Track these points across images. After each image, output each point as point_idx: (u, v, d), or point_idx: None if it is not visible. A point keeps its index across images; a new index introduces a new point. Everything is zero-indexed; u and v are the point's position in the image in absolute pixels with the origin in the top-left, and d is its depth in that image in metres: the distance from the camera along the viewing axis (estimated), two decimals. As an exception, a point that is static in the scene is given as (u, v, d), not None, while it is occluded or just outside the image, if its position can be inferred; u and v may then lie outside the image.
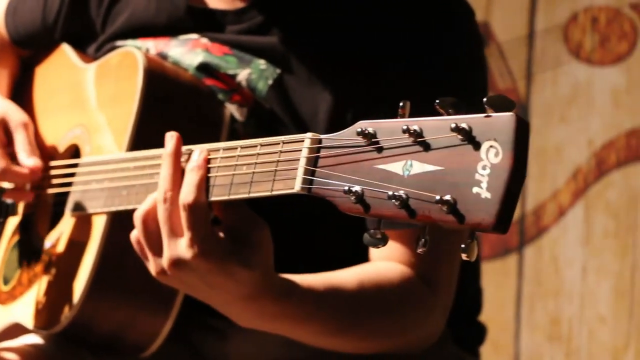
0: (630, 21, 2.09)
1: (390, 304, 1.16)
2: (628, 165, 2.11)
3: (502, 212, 0.75)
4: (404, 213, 0.80)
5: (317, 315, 1.11)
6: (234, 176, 0.99)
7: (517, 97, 2.23)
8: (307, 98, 1.20)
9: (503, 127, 0.76)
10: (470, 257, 0.79)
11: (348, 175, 0.85)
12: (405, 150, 0.81)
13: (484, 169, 0.76)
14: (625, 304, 2.13)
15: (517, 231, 2.25)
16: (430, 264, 1.17)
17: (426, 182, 0.80)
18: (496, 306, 2.28)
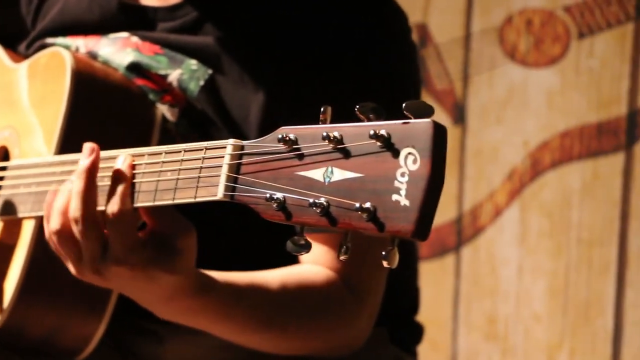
0: (564, 23, 2.11)
1: (311, 306, 1.17)
2: (562, 165, 2.14)
3: (421, 219, 0.75)
4: (325, 221, 0.80)
5: (237, 310, 1.11)
6: (158, 182, 0.98)
7: (454, 99, 2.24)
8: (238, 99, 1.19)
9: (421, 133, 0.76)
10: (391, 264, 0.79)
11: (270, 182, 0.85)
12: (326, 157, 0.81)
13: (403, 176, 0.76)
14: (559, 302, 2.15)
15: (455, 231, 2.27)
16: (355, 270, 1.18)
17: (347, 189, 0.80)
18: (434, 306, 2.29)
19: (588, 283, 2.12)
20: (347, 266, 1.17)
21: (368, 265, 1.18)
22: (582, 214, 2.12)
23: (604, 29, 2.07)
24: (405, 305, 1.40)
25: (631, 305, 2.07)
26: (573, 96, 2.11)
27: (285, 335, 1.17)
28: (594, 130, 2.09)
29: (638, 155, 2.06)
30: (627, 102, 2.06)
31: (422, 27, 2.27)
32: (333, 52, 1.19)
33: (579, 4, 2.09)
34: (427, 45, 2.26)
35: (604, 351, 2.11)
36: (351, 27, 1.21)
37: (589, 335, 2.12)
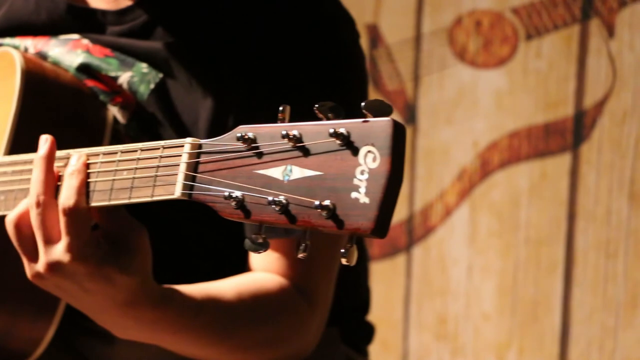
0: (512, 25, 2.13)
1: (267, 315, 1.17)
2: (511, 165, 2.16)
3: (380, 217, 0.76)
4: (284, 218, 0.80)
5: (194, 324, 1.11)
6: (114, 181, 0.98)
7: (405, 99, 2.26)
8: (188, 104, 1.19)
9: (380, 132, 0.77)
10: (350, 262, 0.80)
11: (228, 180, 0.85)
12: (285, 155, 0.82)
13: (362, 174, 0.77)
14: (508, 301, 2.17)
15: (406, 231, 2.28)
16: (307, 275, 1.18)
17: (306, 187, 0.80)
18: (385, 306, 2.30)
19: (536, 282, 2.14)
20: (298, 272, 1.18)
21: (319, 270, 1.19)
22: (530, 214, 2.14)
23: (550, 31, 2.10)
24: (357, 305, 1.40)
25: (578, 304, 2.10)
26: (521, 97, 2.13)
27: (241, 347, 1.17)
28: (542, 130, 2.12)
29: (584, 156, 2.09)
30: (573, 103, 2.09)
31: (373, 28, 2.28)
32: (281, 57, 1.19)
33: (526, 6, 2.11)
34: (378, 46, 2.27)
35: (552, 349, 2.14)
36: (299, 32, 1.21)
37: (537, 333, 2.15)
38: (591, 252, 2.08)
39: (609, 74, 2.04)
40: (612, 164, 2.05)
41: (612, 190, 2.06)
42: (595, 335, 2.09)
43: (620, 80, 2.03)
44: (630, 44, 2.02)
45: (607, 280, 2.07)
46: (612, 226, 2.06)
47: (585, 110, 2.08)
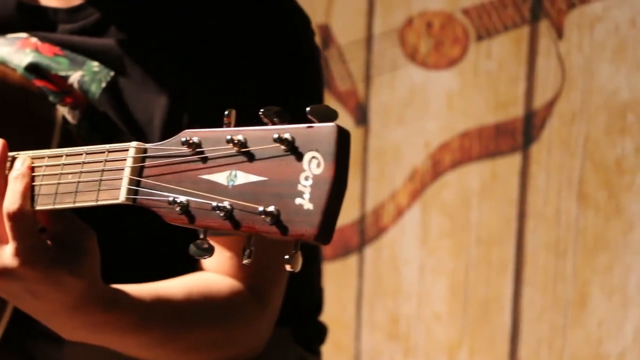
0: (463, 26, 2.14)
1: (217, 316, 1.16)
2: (462, 166, 2.17)
3: (324, 223, 0.76)
4: (228, 224, 0.80)
5: (144, 325, 1.10)
6: (59, 185, 0.97)
7: (356, 100, 2.26)
8: (141, 102, 1.18)
9: (325, 137, 0.77)
10: (295, 268, 0.79)
11: (173, 185, 0.85)
12: (230, 160, 0.81)
13: (307, 179, 0.77)
14: (460, 301, 2.18)
15: (357, 232, 2.28)
16: (258, 276, 1.18)
17: (250, 192, 0.80)
18: (337, 306, 2.30)
19: (487, 282, 2.16)
20: (249, 272, 1.17)
21: (270, 271, 1.18)
22: (481, 214, 2.15)
23: (500, 32, 2.11)
24: (309, 306, 1.40)
25: (528, 303, 2.12)
26: (472, 97, 2.15)
27: (191, 347, 1.16)
28: (492, 131, 2.13)
29: (534, 156, 2.10)
30: (523, 103, 2.10)
31: (324, 28, 2.28)
32: (236, 56, 1.19)
33: (476, 7, 2.12)
34: (329, 47, 2.28)
35: (502, 348, 2.15)
36: (254, 31, 1.21)
37: (488, 333, 2.16)
38: (541, 252, 2.10)
39: (558, 74, 2.06)
40: (562, 164, 2.07)
41: (562, 190, 2.08)
42: (545, 334, 2.11)
43: (569, 81, 2.05)
44: (578, 45, 2.04)
45: (557, 279, 2.09)
46: (561, 226, 2.08)
47: (535, 111, 2.09)
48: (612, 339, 2.05)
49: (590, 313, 2.06)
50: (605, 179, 2.03)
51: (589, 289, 2.06)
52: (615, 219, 2.03)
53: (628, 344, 2.04)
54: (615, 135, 2.02)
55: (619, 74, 2.00)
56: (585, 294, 2.07)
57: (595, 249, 2.05)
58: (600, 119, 2.03)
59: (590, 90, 2.04)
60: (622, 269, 2.03)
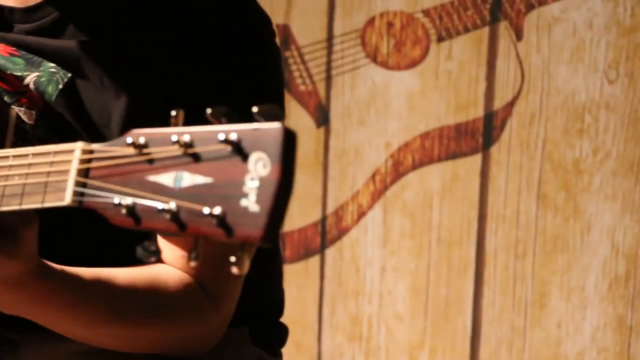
0: (423, 27, 2.15)
1: (161, 306, 1.15)
2: (423, 166, 2.17)
3: (269, 225, 0.75)
4: (174, 226, 0.79)
5: (82, 301, 1.09)
6: (5, 187, 0.95)
7: (317, 100, 2.25)
8: (99, 104, 1.17)
9: (271, 138, 0.76)
10: (241, 271, 0.78)
11: (119, 187, 0.83)
12: (176, 161, 0.80)
13: (253, 181, 0.76)
14: (421, 302, 2.18)
15: (319, 232, 2.28)
16: (212, 274, 1.17)
17: (196, 194, 0.79)
18: (299, 307, 2.30)
19: (448, 283, 2.16)
20: (203, 270, 1.16)
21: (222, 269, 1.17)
22: (442, 215, 2.16)
23: (461, 33, 2.12)
24: (269, 307, 1.40)
25: (489, 304, 2.13)
26: (433, 98, 2.15)
27: (133, 332, 1.15)
28: (453, 132, 2.14)
29: (494, 157, 2.11)
30: (483, 104, 2.11)
31: (285, 28, 2.27)
32: (194, 56, 1.18)
33: (437, 8, 2.13)
34: (290, 47, 2.27)
35: (463, 349, 2.16)
36: (214, 31, 1.20)
37: (449, 333, 2.16)
38: (501, 253, 2.11)
39: (518, 76, 2.07)
40: (521, 165, 2.08)
41: (521, 192, 2.08)
42: (505, 335, 2.11)
43: (529, 82, 2.06)
44: (537, 46, 2.05)
45: (516, 280, 2.10)
46: (521, 227, 2.09)
47: (495, 112, 2.10)
48: (571, 339, 2.06)
49: (549, 313, 2.07)
50: (563, 180, 2.04)
51: (548, 289, 2.07)
52: (573, 219, 2.04)
53: (586, 344, 2.05)
54: (573, 137, 2.03)
55: (576, 75, 2.02)
56: (545, 294, 2.07)
57: (554, 249, 2.06)
58: (558, 120, 2.04)
59: (549, 92, 2.04)
60: (580, 270, 2.04)
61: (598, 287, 2.02)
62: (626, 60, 1.97)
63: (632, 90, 1.97)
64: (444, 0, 2.12)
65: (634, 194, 1.99)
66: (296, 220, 2.29)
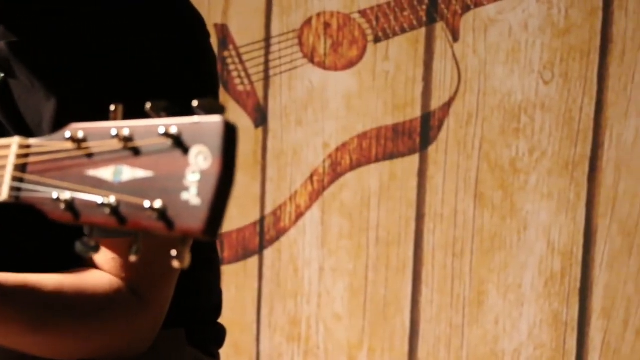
0: (360, 27, 2.15)
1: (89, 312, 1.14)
2: (361, 167, 2.18)
3: (211, 218, 0.74)
4: (114, 220, 0.78)
5: (6, 308, 1.07)
6: (-61, 184, 0.93)
7: (255, 100, 2.25)
8: (31, 105, 1.15)
9: (211, 131, 0.75)
10: (183, 265, 0.78)
11: (58, 181, 0.82)
12: (116, 155, 0.79)
13: (193, 174, 0.75)
14: (360, 302, 2.19)
15: (257, 233, 2.27)
16: (141, 275, 1.16)
17: (137, 188, 0.78)
18: (237, 308, 2.29)
19: (386, 282, 2.17)
20: (133, 273, 1.15)
21: (154, 270, 1.16)
22: (380, 215, 2.17)
23: (398, 34, 2.13)
24: (207, 308, 1.39)
25: (427, 303, 2.14)
26: (370, 99, 2.16)
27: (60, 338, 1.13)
28: (390, 132, 2.15)
29: (432, 157, 2.12)
30: (421, 105, 2.12)
31: (223, 28, 2.26)
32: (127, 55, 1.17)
33: (374, 9, 2.14)
34: (228, 47, 2.26)
35: (402, 348, 2.17)
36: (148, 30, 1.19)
37: (388, 333, 2.17)
38: (439, 252, 2.12)
39: (454, 76, 2.08)
40: (459, 165, 2.09)
41: (459, 191, 2.10)
42: (443, 333, 2.13)
43: (465, 83, 2.08)
44: (473, 47, 2.07)
45: (454, 278, 2.12)
46: (458, 226, 2.11)
47: (432, 112, 2.11)
48: (508, 336, 2.08)
49: (487, 311, 2.09)
50: (500, 179, 2.06)
51: (485, 287, 2.09)
52: (510, 218, 2.06)
53: (523, 341, 2.07)
54: (509, 136, 2.05)
55: (512, 76, 2.04)
56: (482, 292, 2.09)
57: (491, 248, 2.08)
58: (495, 120, 2.06)
59: (486, 92, 2.07)
60: (517, 267, 2.06)
61: (534, 285, 2.05)
62: (561, 61, 2.00)
63: (566, 90, 2.00)
64: (381, 1, 2.13)
65: (569, 192, 2.02)
66: (234, 221, 2.28)
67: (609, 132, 1.98)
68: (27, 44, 1.17)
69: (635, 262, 1.99)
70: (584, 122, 2.00)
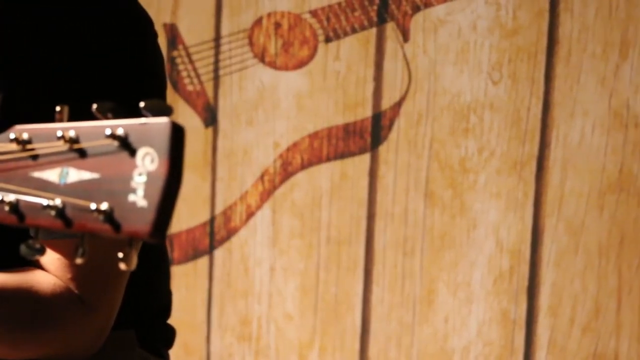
0: (311, 27, 2.16)
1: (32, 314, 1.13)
2: (312, 166, 2.18)
3: (158, 220, 0.74)
4: (60, 222, 0.77)
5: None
6: None
7: (205, 100, 2.24)
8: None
9: (158, 133, 0.75)
10: (129, 267, 0.77)
11: (2, 183, 0.81)
12: (62, 157, 0.78)
13: (140, 176, 0.75)
14: (311, 301, 2.19)
15: (208, 233, 2.26)
16: (87, 278, 1.15)
17: (83, 190, 0.77)
18: (187, 309, 2.28)
19: (337, 281, 2.17)
20: (79, 276, 1.14)
21: (101, 273, 1.15)
22: (331, 214, 2.17)
23: (349, 34, 2.13)
24: (156, 309, 1.38)
25: (377, 302, 2.15)
26: (321, 98, 2.16)
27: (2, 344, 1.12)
28: (342, 132, 2.15)
29: (382, 156, 2.13)
30: (372, 105, 2.13)
31: (172, 28, 2.25)
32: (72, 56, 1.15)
33: (325, 9, 2.14)
34: (177, 47, 2.25)
35: (353, 347, 2.17)
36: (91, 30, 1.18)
37: (339, 332, 2.18)
38: (389, 251, 2.13)
39: (405, 76, 2.09)
40: (409, 165, 2.11)
41: (409, 190, 2.11)
42: (394, 331, 2.14)
43: (415, 83, 2.09)
44: (423, 47, 2.08)
45: (405, 277, 2.13)
46: (409, 225, 2.12)
47: (383, 112, 2.12)
48: (457, 334, 2.09)
49: (437, 309, 2.10)
50: (450, 179, 2.08)
51: (435, 285, 2.10)
52: (460, 217, 2.08)
53: (472, 338, 2.09)
54: (459, 136, 2.07)
55: (462, 76, 2.05)
56: (432, 290, 2.11)
57: (441, 246, 2.09)
58: (445, 120, 2.07)
59: (436, 92, 2.08)
60: (466, 266, 2.08)
61: (483, 283, 2.07)
62: (509, 62, 2.02)
63: (514, 91, 2.02)
64: (332, 1, 2.13)
65: (517, 191, 2.04)
66: (184, 221, 2.27)
67: (556, 131, 2.01)
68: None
69: (581, 260, 2.01)
70: (531, 122, 2.02)
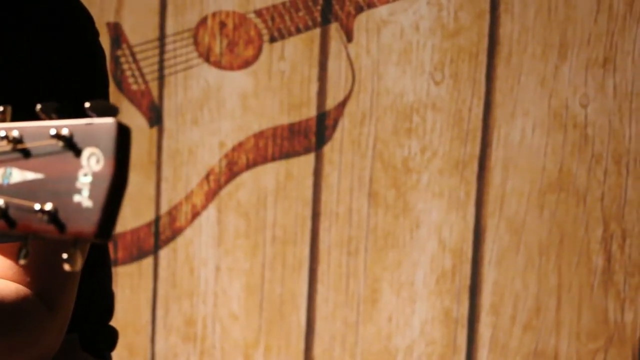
0: (256, 27, 2.16)
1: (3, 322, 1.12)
2: (257, 166, 2.18)
3: (103, 220, 0.74)
4: (3, 223, 0.77)
5: None
6: None
7: (150, 100, 2.23)
8: None
9: (104, 133, 0.75)
10: (74, 268, 0.77)
11: (-56, 184, 0.80)
12: (5, 157, 0.78)
13: (86, 176, 0.75)
14: (256, 301, 2.19)
15: (152, 233, 2.26)
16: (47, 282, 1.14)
17: (27, 190, 0.77)
18: (132, 310, 2.27)
19: (282, 281, 2.18)
20: (37, 279, 1.13)
21: (58, 274, 1.15)
22: (276, 214, 2.18)
23: (293, 34, 2.14)
24: (99, 311, 1.37)
25: (322, 301, 2.16)
26: (266, 98, 2.16)
27: None
28: (286, 131, 2.16)
29: (327, 156, 2.14)
30: (316, 104, 2.14)
31: (115, 27, 2.24)
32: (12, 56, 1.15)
33: (269, 9, 2.14)
34: (121, 46, 2.24)
35: (298, 346, 2.18)
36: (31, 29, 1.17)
37: (284, 331, 2.18)
38: (334, 250, 2.14)
39: (349, 76, 2.11)
40: (353, 164, 2.12)
41: (353, 190, 2.13)
42: (338, 330, 2.15)
43: (359, 83, 2.10)
44: (367, 48, 2.09)
45: (349, 276, 2.14)
46: (353, 224, 2.13)
47: (327, 112, 2.13)
48: (401, 333, 2.11)
49: (381, 309, 2.12)
50: (393, 178, 2.10)
51: (379, 285, 2.12)
52: (403, 216, 2.09)
53: (415, 337, 2.11)
54: (402, 136, 2.08)
55: (404, 76, 2.07)
56: (376, 290, 2.12)
57: (385, 246, 2.11)
58: (388, 120, 2.09)
59: (379, 92, 2.09)
60: (409, 265, 2.10)
61: (426, 282, 2.09)
62: (450, 62, 2.04)
63: (456, 91, 2.04)
64: (276, 1, 2.14)
65: (459, 191, 2.06)
66: (129, 221, 2.26)
67: (497, 132, 2.03)
68: None
69: (522, 259, 2.04)
70: (473, 122, 2.05)
